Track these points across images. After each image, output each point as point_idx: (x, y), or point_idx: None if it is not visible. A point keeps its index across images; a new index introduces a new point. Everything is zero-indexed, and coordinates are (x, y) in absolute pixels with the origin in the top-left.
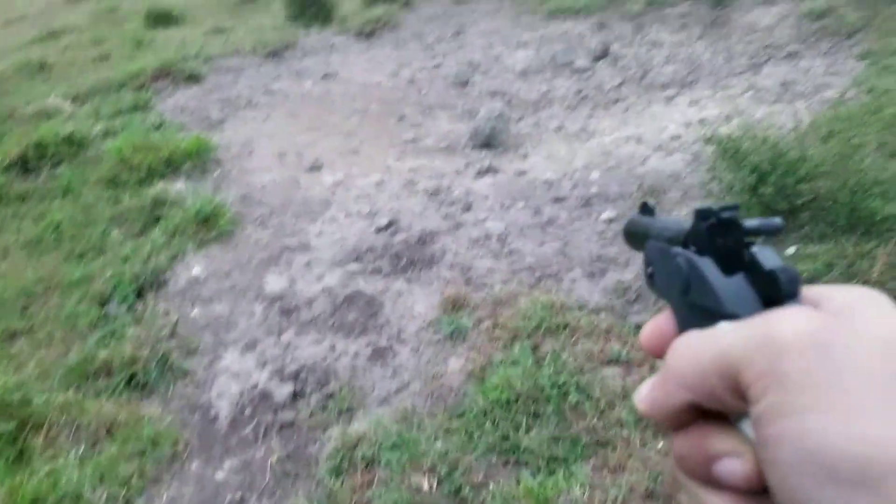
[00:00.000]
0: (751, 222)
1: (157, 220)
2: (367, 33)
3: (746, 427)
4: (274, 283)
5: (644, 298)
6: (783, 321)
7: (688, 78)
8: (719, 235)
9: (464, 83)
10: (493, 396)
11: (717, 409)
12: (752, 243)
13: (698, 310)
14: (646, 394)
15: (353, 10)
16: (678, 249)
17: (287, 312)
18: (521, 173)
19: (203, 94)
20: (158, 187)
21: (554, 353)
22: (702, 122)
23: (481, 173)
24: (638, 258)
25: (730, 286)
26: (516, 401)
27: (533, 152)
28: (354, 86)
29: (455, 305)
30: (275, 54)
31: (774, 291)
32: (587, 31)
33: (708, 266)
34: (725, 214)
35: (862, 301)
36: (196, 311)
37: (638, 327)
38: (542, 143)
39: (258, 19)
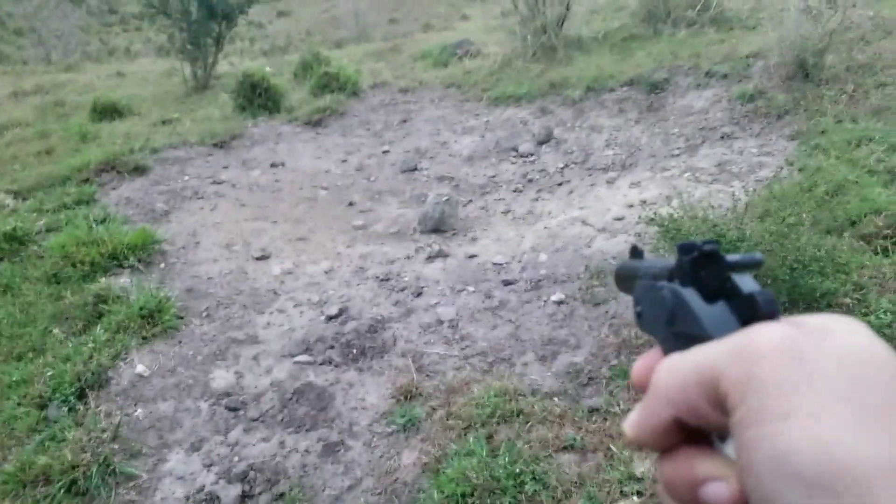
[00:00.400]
0: (732, 257)
1: (100, 316)
2: (315, 122)
3: (729, 450)
4: (220, 378)
5: (596, 382)
6: (759, 332)
7: (628, 160)
8: (702, 268)
9: (412, 169)
10: (449, 490)
11: (700, 424)
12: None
13: (683, 338)
14: (633, 418)
15: (301, 99)
16: (664, 283)
17: (234, 409)
18: (471, 257)
19: (149, 185)
20: (102, 283)
21: (509, 441)
22: (643, 203)
23: (431, 258)
24: (588, 340)
25: (712, 312)
26: (472, 494)
27: (482, 236)
28: (303, 174)
29: (407, 395)
30: (222, 144)
31: (753, 313)
32: (530, 116)
33: (691, 295)
34: (707, 247)
35: (835, 321)
36: (139, 411)
37: (591, 411)
38: (491, 227)
39: (206, 110)
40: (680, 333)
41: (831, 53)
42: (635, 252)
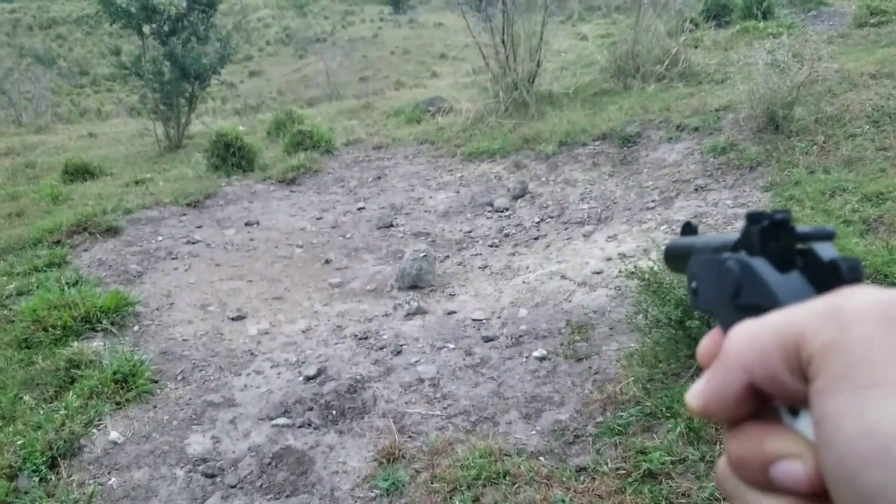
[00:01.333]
0: (803, 228)
1: (73, 382)
2: (290, 180)
3: (802, 426)
4: (197, 443)
5: (583, 440)
6: (850, 294)
7: (603, 214)
8: (771, 238)
9: (388, 225)
10: None
11: (777, 393)
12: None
13: (751, 311)
14: (699, 387)
15: (275, 158)
16: (728, 254)
17: (211, 475)
18: (450, 313)
19: (122, 246)
20: (74, 347)
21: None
22: (621, 256)
23: (410, 315)
24: (572, 397)
25: (786, 282)
26: None
27: (460, 291)
28: (278, 232)
29: (390, 458)
30: (196, 204)
31: (836, 280)
32: (504, 171)
33: (761, 264)
34: (778, 216)
35: None
36: (113, 480)
37: (578, 471)
38: (469, 282)
39: (179, 170)
40: (747, 306)
41: (800, 106)
42: (688, 228)
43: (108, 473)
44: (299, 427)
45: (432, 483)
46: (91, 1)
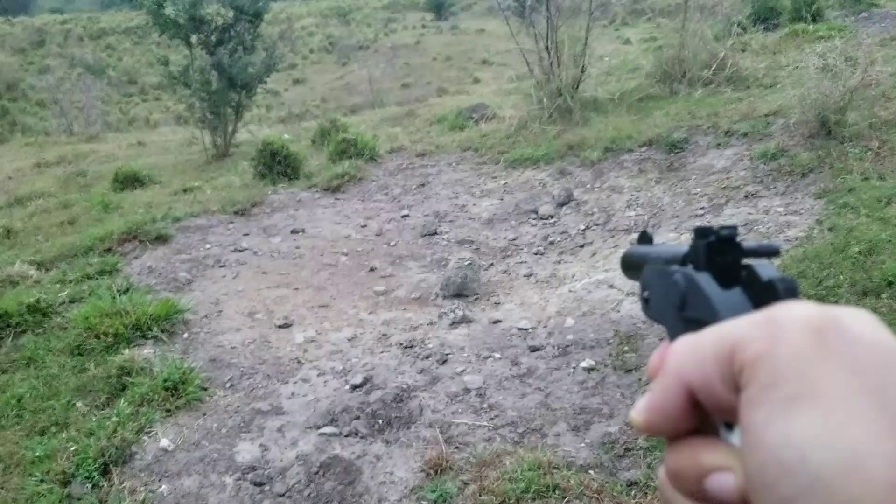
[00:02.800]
0: (749, 243)
1: (124, 389)
2: (334, 188)
3: (737, 440)
4: (245, 451)
5: (633, 453)
6: (786, 307)
7: (651, 221)
8: (718, 253)
9: (432, 233)
10: None
11: (713, 403)
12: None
13: (694, 324)
14: (642, 403)
15: (320, 166)
16: (676, 267)
17: (260, 484)
18: (496, 322)
19: (171, 254)
20: (125, 354)
21: None
22: None
23: (455, 324)
24: (622, 409)
25: (727, 297)
26: None
27: (505, 300)
28: (323, 240)
29: (437, 469)
30: (243, 212)
31: (772, 300)
32: (548, 178)
33: (705, 280)
34: (724, 232)
35: (858, 312)
36: (164, 488)
37: (630, 485)
38: (514, 291)
39: (226, 178)
40: (691, 319)
41: (853, 111)
42: (644, 237)
43: (159, 480)
44: (346, 436)
45: (480, 496)
46: (140, 12)
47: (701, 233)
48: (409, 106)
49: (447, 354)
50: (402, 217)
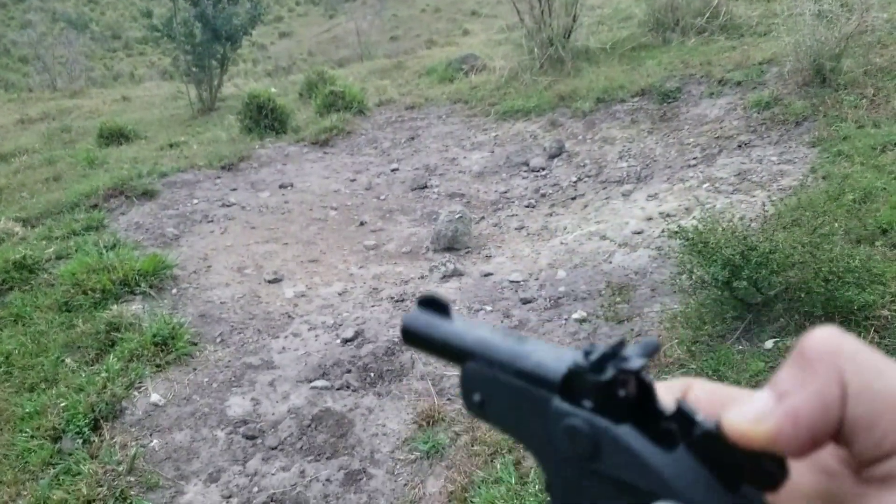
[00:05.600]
0: (636, 358)
1: (113, 344)
2: (322, 142)
3: None
4: (237, 405)
5: None
6: None
7: (643, 172)
8: (622, 387)
9: (422, 187)
10: None
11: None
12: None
13: (611, 482)
14: (765, 406)
15: (307, 119)
16: (566, 407)
17: (252, 437)
18: (487, 275)
19: (158, 210)
20: (114, 310)
21: (538, 467)
22: (662, 215)
23: (446, 277)
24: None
25: (674, 465)
26: None
27: (496, 253)
28: (312, 195)
29: (429, 420)
30: (230, 167)
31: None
32: (539, 130)
33: (634, 439)
34: (634, 366)
35: None
36: (155, 442)
37: None
38: (505, 244)
39: (212, 132)
40: (608, 476)
41: (848, 58)
42: (434, 304)
43: (150, 435)
44: (338, 389)
45: (473, 446)
46: None
47: (597, 365)
48: (398, 58)
49: None
50: (392, 171)
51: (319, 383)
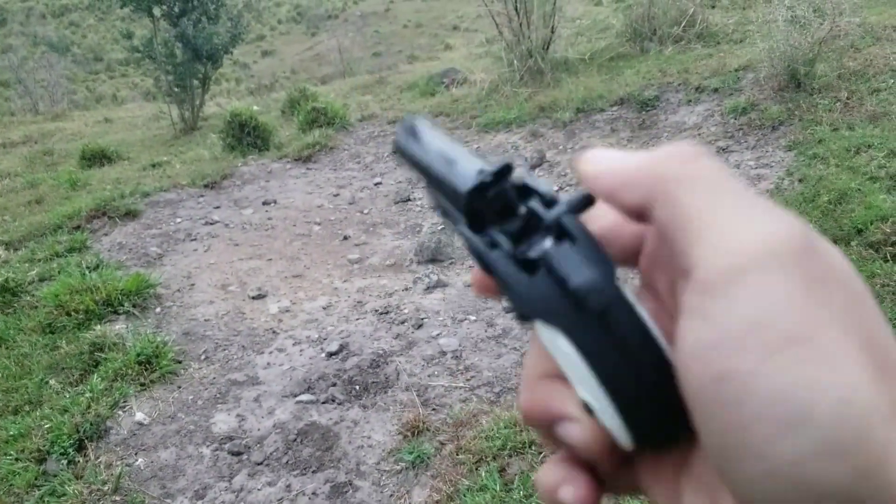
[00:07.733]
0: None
1: (97, 365)
2: (305, 158)
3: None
4: (222, 422)
5: None
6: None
7: None
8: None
9: (405, 200)
10: None
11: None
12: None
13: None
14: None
15: (290, 136)
16: (465, 230)
17: (237, 453)
18: (470, 286)
19: (141, 229)
20: (97, 331)
21: (522, 474)
22: None
23: (430, 288)
24: None
25: (532, 287)
26: None
27: None
28: (295, 210)
29: (415, 430)
30: (213, 185)
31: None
32: (521, 141)
33: (498, 260)
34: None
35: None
36: (141, 461)
37: None
38: None
39: (195, 151)
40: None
41: (822, 62)
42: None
43: (136, 454)
44: (323, 403)
45: (458, 454)
46: None
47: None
48: (380, 74)
49: (423, 319)
50: (375, 185)
51: (305, 397)
